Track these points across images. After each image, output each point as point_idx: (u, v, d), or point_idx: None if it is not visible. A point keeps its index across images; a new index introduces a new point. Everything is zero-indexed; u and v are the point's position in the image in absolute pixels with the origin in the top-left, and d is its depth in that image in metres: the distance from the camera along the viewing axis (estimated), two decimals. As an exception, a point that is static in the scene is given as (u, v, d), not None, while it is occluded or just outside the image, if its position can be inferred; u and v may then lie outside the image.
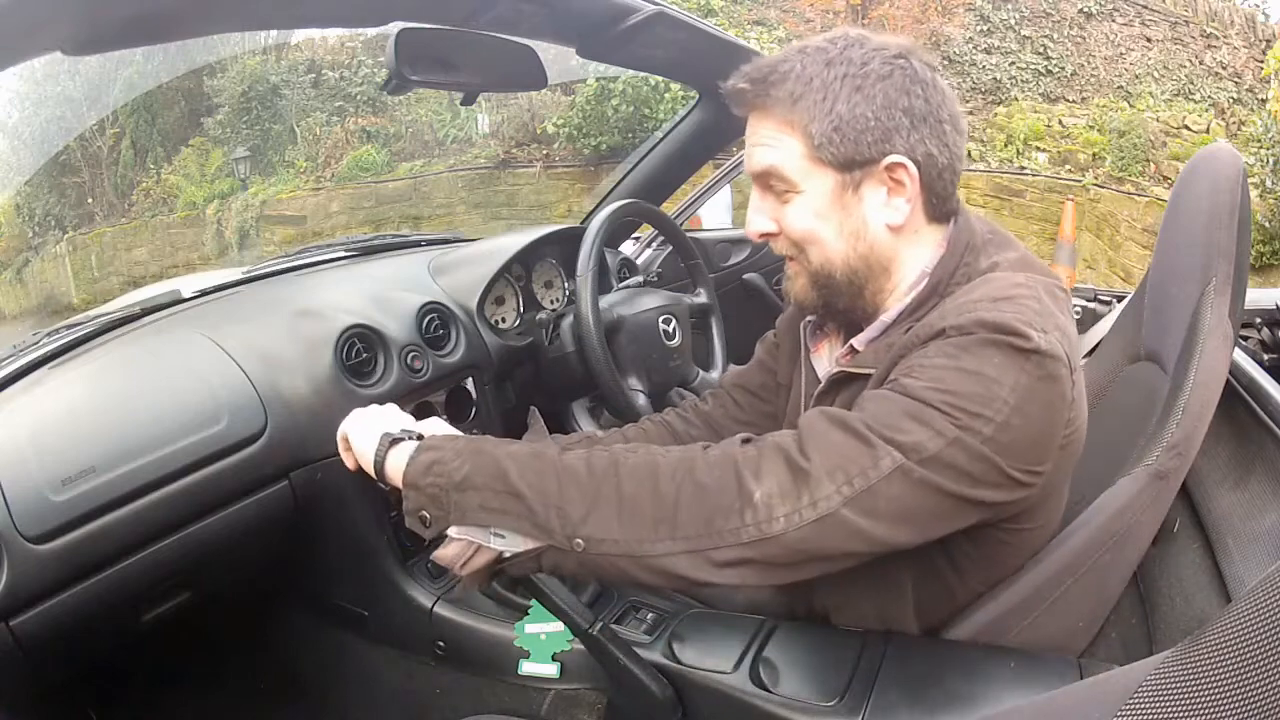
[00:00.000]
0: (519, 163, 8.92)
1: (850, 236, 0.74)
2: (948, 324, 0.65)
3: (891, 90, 0.70)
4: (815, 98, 0.70)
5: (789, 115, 0.71)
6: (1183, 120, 6.91)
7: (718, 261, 2.14)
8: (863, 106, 0.69)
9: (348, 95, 9.98)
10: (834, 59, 0.70)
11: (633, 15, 1.07)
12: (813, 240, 0.74)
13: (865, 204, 0.73)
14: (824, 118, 0.69)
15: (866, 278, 0.75)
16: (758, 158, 0.74)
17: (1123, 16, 8.37)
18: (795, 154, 0.72)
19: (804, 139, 0.71)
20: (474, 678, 1.07)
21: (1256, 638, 0.36)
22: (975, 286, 0.70)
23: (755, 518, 0.60)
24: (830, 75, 0.70)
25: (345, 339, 1.09)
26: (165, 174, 10.93)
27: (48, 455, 0.85)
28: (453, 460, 0.68)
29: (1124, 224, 5.87)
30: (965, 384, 0.61)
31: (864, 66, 0.70)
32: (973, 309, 0.65)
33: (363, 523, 1.10)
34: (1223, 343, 0.84)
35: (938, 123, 0.71)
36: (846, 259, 0.74)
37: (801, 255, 0.76)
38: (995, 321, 0.62)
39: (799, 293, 0.79)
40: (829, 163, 0.71)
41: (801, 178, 0.72)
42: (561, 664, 0.99)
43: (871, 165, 0.71)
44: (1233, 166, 0.88)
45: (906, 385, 0.63)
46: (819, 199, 0.73)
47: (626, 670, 0.85)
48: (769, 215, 0.76)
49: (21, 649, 0.80)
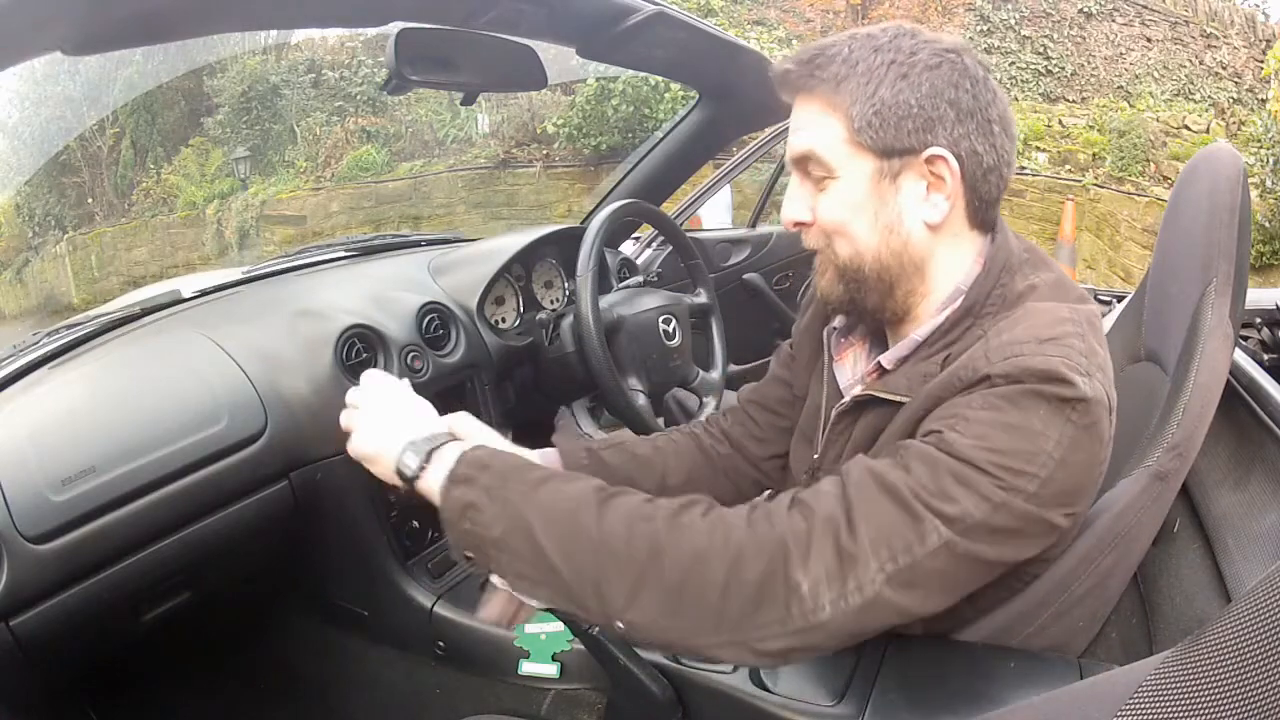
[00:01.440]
0: (519, 163, 8.92)
1: (884, 229, 0.71)
2: (994, 371, 0.61)
3: (938, 81, 0.67)
4: (859, 80, 0.68)
5: (832, 97, 0.69)
6: (1183, 120, 6.91)
7: (718, 261, 2.14)
8: (907, 93, 0.67)
9: (348, 95, 9.98)
10: (882, 46, 0.69)
11: (633, 15, 1.07)
12: (843, 231, 0.71)
13: (902, 196, 0.70)
14: (866, 101, 0.67)
15: (898, 276, 0.72)
16: (798, 141, 0.72)
17: (1123, 16, 8.37)
18: (836, 137, 0.69)
19: (845, 122, 0.69)
20: (474, 678, 1.07)
21: (1256, 638, 0.36)
22: (1018, 320, 0.66)
23: (802, 609, 0.58)
24: (876, 60, 0.68)
25: (345, 339, 1.09)
26: (165, 174, 10.93)
27: (48, 455, 0.85)
28: (487, 510, 0.63)
29: (1124, 224, 5.87)
30: (1011, 441, 0.59)
31: (912, 55, 0.68)
32: (1019, 352, 0.62)
33: (363, 523, 1.10)
34: (1223, 343, 0.84)
35: (985, 121, 0.69)
36: (877, 253, 0.71)
37: (829, 248, 0.73)
38: (1043, 370, 0.60)
39: (825, 286, 0.76)
40: (868, 148, 0.68)
41: (839, 162, 0.70)
42: (561, 664, 0.99)
43: (911, 155, 0.68)
44: (1233, 166, 0.88)
45: (951, 442, 0.60)
46: (855, 187, 0.70)
47: (626, 670, 0.85)
48: (806, 204, 0.73)
49: (21, 649, 0.80)
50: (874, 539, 0.58)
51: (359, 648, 1.19)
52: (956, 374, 0.64)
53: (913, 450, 0.62)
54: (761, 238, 2.21)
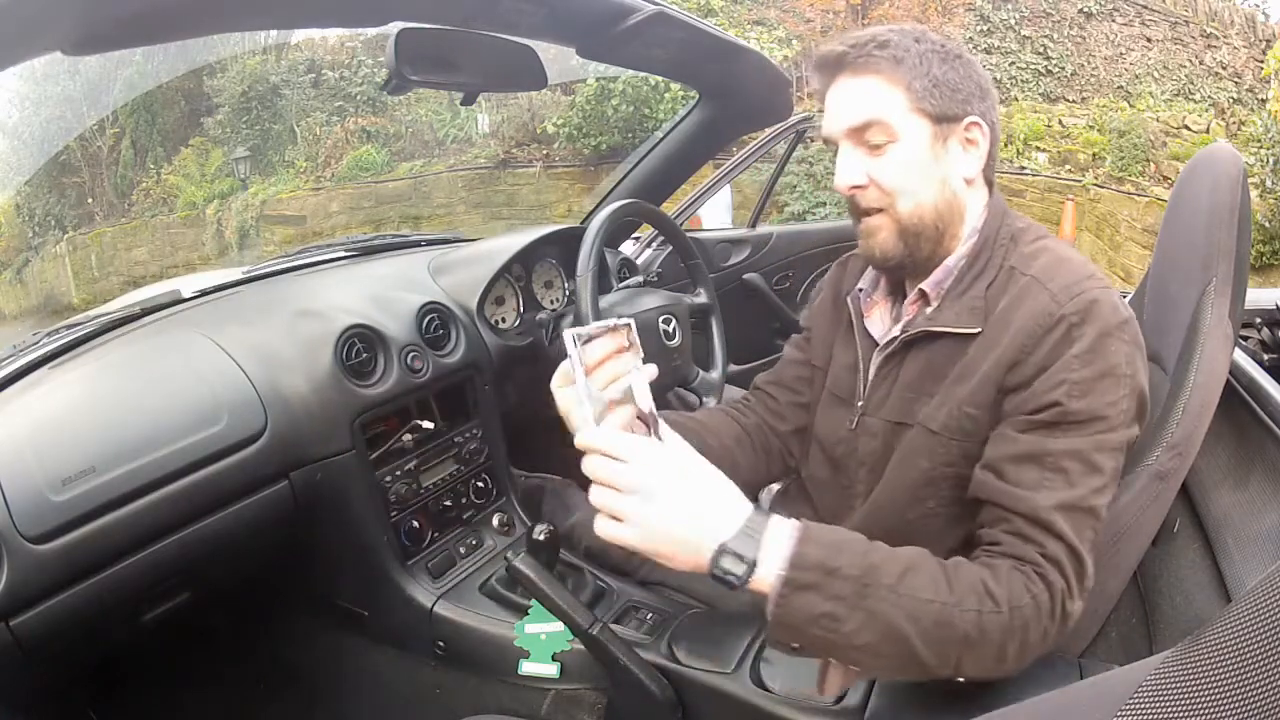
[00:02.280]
0: (519, 163, 8.92)
1: (939, 183, 0.81)
2: (1067, 311, 0.73)
3: (966, 67, 0.82)
4: (914, 60, 0.79)
5: (893, 72, 0.79)
6: (1183, 120, 6.91)
7: (718, 261, 2.14)
8: (950, 73, 0.80)
9: (348, 95, 9.98)
10: (919, 38, 0.81)
11: (633, 15, 1.07)
12: (906, 188, 0.81)
13: (950, 155, 0.82)
14: (924, 76, 0.79)
15: (948, 222, 0.83)
16: (857, 110, 0.80)
17: (1123, 16, 8.37)
18: (898, 105, 0.79)
19: (907, 92, 0.79)
20: (474, 678, 1.07)
21: (1256, 638, 0.36)
22: (1040, 251, 0.80)
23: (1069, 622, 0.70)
24: (922, 48, 0.80)
25: (345, 339, 1.09)
26: (165, 174, 10.93)
27: (48, 455, 0.85)
28: (849, 619, 0.63)
29: (1124, 224, 5.87)
30: (1111, 386, 0.72)
31: (943, 47, 0.81)
32: (1079, 290, 0.74)
33: (363, 522, 1.10)
34: (1223, 343, 0.84)
35: (993, 99, 0.84)
36: (935, 204, 0.82)
37: (891, 206, 0.82)
38: (1104, 304, 0.74)
39: (882, 245, 0.83)
40: (927, 114, 0.79)
41: (902, 126, 0.79)
42: (561, 664, 0.99)
43: (956, 123, 0.81)
44: (1233, 166, 0.88)
45: (1076, 412, 0.71)
46: (915, 147, 0.80)
47: (626, 670, 0.86)
48: (860, 168, 0.82)
49: (21, 649, 0.80)
50: (1083, 541, 0.70)
51: (359, 648, 1.19)
52: (1034, 320, 0.75)
53: (1060, 449, 0.71)
54: (761, 238, 2.21)
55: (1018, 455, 0.72)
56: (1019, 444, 0.73)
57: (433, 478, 1.18)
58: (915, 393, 0.83)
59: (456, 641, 1.08)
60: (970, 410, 0.77)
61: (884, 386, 0.87)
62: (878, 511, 0.84)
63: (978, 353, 0.78)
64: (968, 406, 0.78)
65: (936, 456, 0.80)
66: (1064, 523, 0.69)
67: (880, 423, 0.86)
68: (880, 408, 0.86)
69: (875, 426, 0.87)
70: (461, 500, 1.22)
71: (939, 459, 0.80)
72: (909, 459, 0.82)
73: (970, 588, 0.66)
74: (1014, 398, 0.75)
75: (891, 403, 0.85)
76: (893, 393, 0.85)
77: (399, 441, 1.14)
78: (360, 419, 1.08)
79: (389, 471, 1.12)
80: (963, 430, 0.78)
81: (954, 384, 0.79)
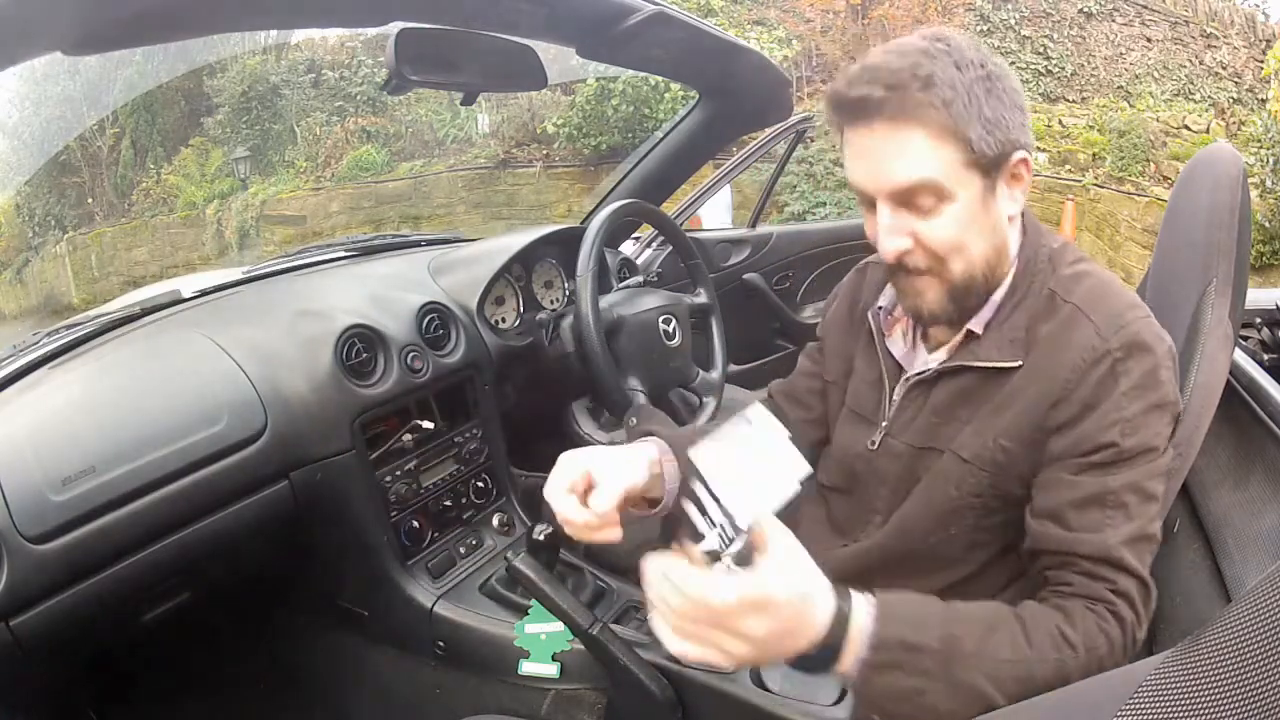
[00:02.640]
0: (519, 163, 8.92)
1: (990, 234, 0.75)
2: (1112, 346, 0.71)
3: (1009, 89, 0.72)
4: (963, 101, 0.68)
5: (943, 120, 0.69)
6: (1183, 120, 6.91)
7: (718, 261, 2.14)
8: (999, 107, 0.71)
9: (348, 95, 9.98)
10: (960, 62, 0.69)
11: (633, 15, 1.07)
12: (960, 249, 0.74)
13: (999, 199, 0.74)
14: (978, 121, 0.69)
15: (996, 269, 0.77)
16: (905, 170, 0.70)
17: (1123, 16, 8.37)
18: (953, 162, 0.70)
19: (961, 145, 0.70)
20: (474, 678, 1.06)
21: (1256, 638, 0.36)
22: (1081, 276, 0.76)
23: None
24: (966, 79, 0.69)
25: (345, 339, 1.09)
26: (165, 174, 10.93)
27: (48, 455, 0.85)
28: (934, 692, 0.63)
29: (1124, 224, 5.87)
30: (1158, 415, 0.71)
31: (984, 67, 0.70)
32: (1123, 323, 0.72)
33: (363, 522, 1.10)
34: (1223, 343, 0.84)
35: (1026, 112, 0.74)
36: (987, 258, 0.75)
37: (943, 267, 0.75)
38: (1149, 336, 0.72)
39: (932, 305, 0.77)
40: (980, 166, 0.71)
41: (957, 186, 0.71)
42: (561, 664, 0.99)
43: (1005, 163, 0.73)
44: (1233, 166, 0.88)
45: (1131, 449, 0.70)
46: (969, 205, 0.72)
47: (626, 670, 0.85)
48: (906, 232, 0.74)
49: (21, 649, 0.80)
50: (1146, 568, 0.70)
51: (359, 648, 1.19)
52: (1078, 354, 0.72)
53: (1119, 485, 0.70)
54: (761, 238, 2.21)
55: (1081, 500, 0.70)
56: (1079, 488, 0.70)
57: (433, 478, 1.18)
58: (944, 418, 0.79)
59: (456, 641, 1.08)
60: (1005, 443, 0.74)
61: (910, 410, 0.83)
62: (900, 535, 0.82)
63: (1019, 384, 0.74)
64: (1004, 439, 0.74)
65: (965, 486, 0.77)
66: (1131, 556, 0.69)
67: (904, 446, 0.82)
68: (905, 431, 0.82)
69: (899, 449, 0.83)
70: (461, 500, 1.22)
71: (967, 489, 0.77)
72: (936, 485, 0.79)
73: (1047, 636, 0.66)
74: (1061, 438, 0.72)
75: (918, 427, 0.81)
76: (919, 417, 0.81)
77: (399, 441, 1.14)
78: (360, 419, 1.08)
79: (389, 471, 1.12)
80: (995, 463, 0.75)
81: (992, 414, 0.76)
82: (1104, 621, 0.68)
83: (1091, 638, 0.67)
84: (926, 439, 0.80)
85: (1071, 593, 0.70)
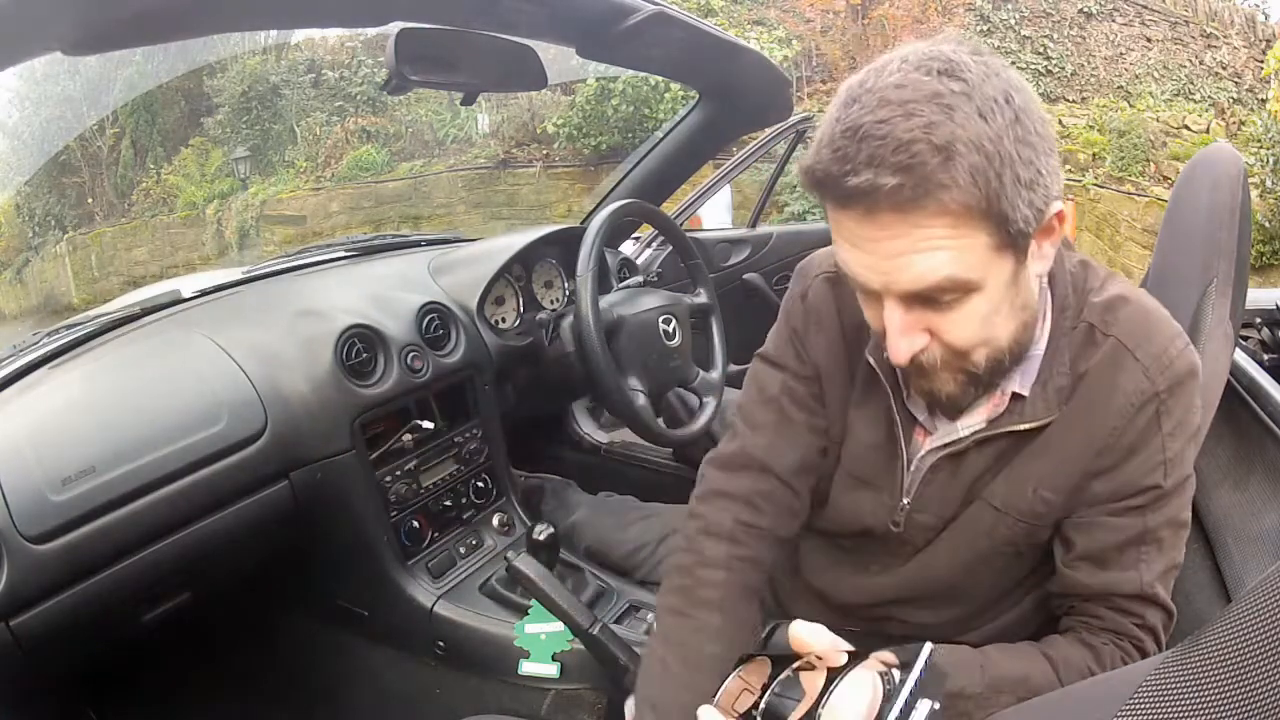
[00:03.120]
0: (519, 163, 8.91)
1: (1019, 310, 0.62)
2: (1160, 387, 0.66)
3: (1037, 125, 0.56)
4: (994, 168, 0.53)
5: (969, 200, 0.53)
6: (1183, 120, 6.90)
7: (718, 261, 2.14)
8: (1033, 160, 0.55)
9: (348, 95, 9.97)
10: (984, 105, 0.53)
11: (633, 15, 1.07)
12: (986, 341, 0.61)
13: (1031, 268, 0.61)
14: (1011, 191, 0.53)
15: (1027, 338, 0.65)
16: (922, 268, 0.55)
17: (1123, 16, 8.36)
18: (979, 248, 0.56)
19: (992, 226, 0.55)
20: (474, 678, 1.07)
21: (1256, 638, 0.36)
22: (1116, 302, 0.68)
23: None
24: (993, 130, 0.53)
25: (345, 339, 1.09)
26: (165, 174, 10.93)
27: (48, 455, 0.85)
28: None
29: (1124, 224, 5.86)
30: (1193, 448, 0.69)
31: (1009, 104, 0.54)
32: (1169, 361, 0.66)
33: (363, 522, 1.10)
34: (1223, 343, 0.84)
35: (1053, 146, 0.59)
36: (1016, 338, 0.63)
37: (964, 361, 0.63)
38: (1189, 369, 0.67)
39: (951, 392, 0.65)
40: (1012, 243, 0.57)
41: (983, 274, 0.57)
42: (561, 664, 0.99)
43: (1043, 222, 0.58)
44: (1233, 166, 0.88)
45: (1170, 487, 0.67)
46: (998, 290, 0.59)
47: (626, 670, 0.85)
48: (922, 328, 0.60)
49: (21, 649, 0.80)
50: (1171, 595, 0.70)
51: (359, 648, 1.19)
52: (1126, 399, 0.66)
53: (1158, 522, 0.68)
54: (761, 238, 2.21)
55: (1122, 543, 0.68)
56: (1121, 531, 0.67)
57: (433, 478, 1.18)
58: (980, 480, 0.71)
59: (456, 641, 1.08)
60: (1047, 494, 0.68)
61: (937, 482, 0.72)
62: (923, 579, 0.77)
63: (1059, 429, 0.67)
64: (1045, 490, 0.68)
65: (998, 535, 0.71)
66: (1162, 589, 0.68)
67: (936, 519, 0.73)
68: (933, 503, 0.72)
69: (930, 523, 0.73)
70: (461, 500, 1.22)
71: (1000, 538, 0.71)
72: (966, 535, 0.72)
73: (1078, 676, 0.66)
74: (1103, 483, 0.67)
75: (950, 497, 0.72)
76: (951, 486, 0.71)
77: (399, 441, 1.14)
78: (360, 419, 1.08)
79: (389, 471, 1.12)
80: (1034, 513, 0.69)
81: (1027, 461, 0.68)
82: (1129, 657, 0.67)
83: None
84: (960, 506, 0.72)
85: (1101, 627, 0.69)
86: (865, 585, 0.80)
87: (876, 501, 0.75)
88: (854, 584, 0.81)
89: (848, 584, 0.82)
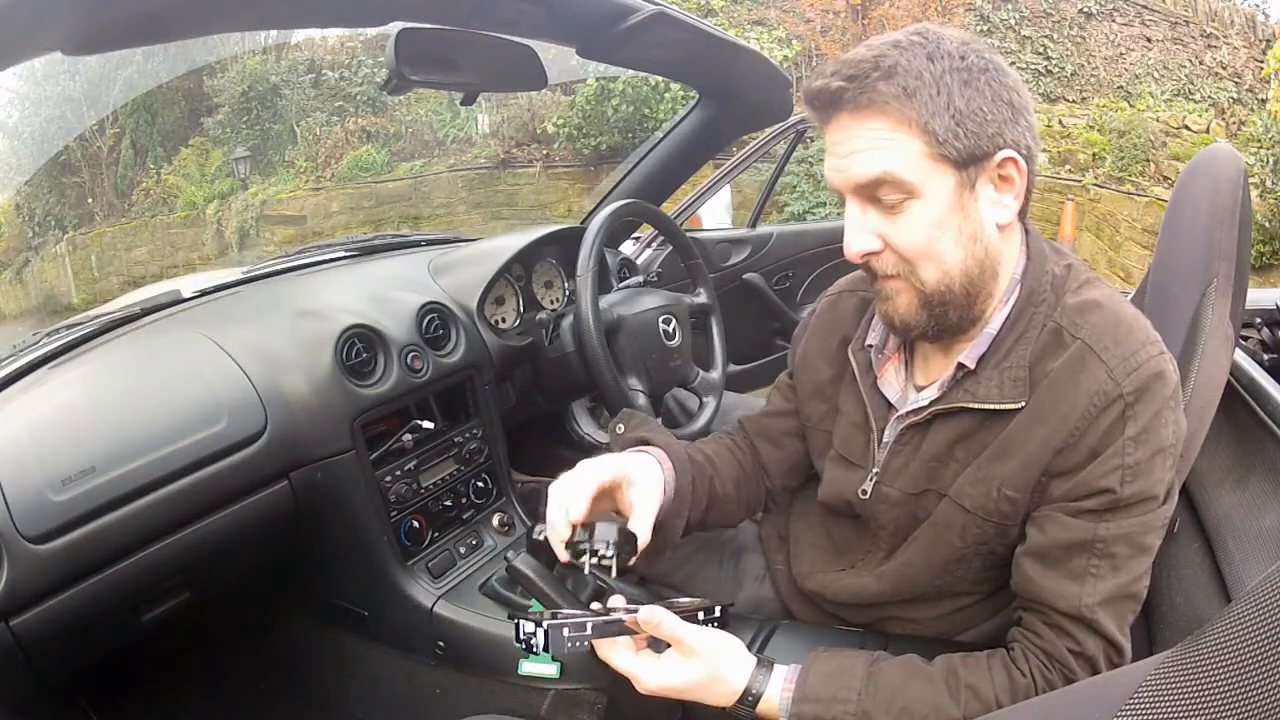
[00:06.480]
0: (519, 163, 8.92)
1: (969, 240, 0.69)
2: (1125, 390, 0.67)
3: (994, 83, 0.67)
4: (929, 92, 0.65)
5: (904, 111, 0.65)
6: (1183, 120, 6.90)
7: (718, 261, 2.14)
8: (976, 100, 0.66)
9: (348, 95, 9.97)
10: (933, 53, 0.66)
11: (633, 15, 1.07)
12: (930, 253, 0.69)
13: (980, 203, 0.69)
14: (944, 112, 0.65)
15: (980, 284, 0.71)
16: (866, 163, 0.67)
17: (1123, 16, 8.37)
18: (914, 153, 0.66)
19: (924, 136, 0.65)
20: (474, 678, 1.07)
21: (1256, 638, 0.36)
22: (1089, 306, 0.71)
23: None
24: (938, 69, 0.65)
25: (345, 339, 1.09)
26: (165, 174, 10.93)
27: (48, 455, 0.85)
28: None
29: (1124, 224, 5.86)
30: (1161, 458, 0.68)
31: (963, 60, 0.66)
32: (1137, 364, 0.67)
33: (363, 522, 1.10)
34: (1223, 343, 0.84)
35: (1028, 115, 0.69)
36: (965, 267, 0.70)
37: (912, 273, 0.70)
38: (1158, 374, 0.67)
39: (903, 313, 0.73)
40: (951, 160, 0.66)
41: (921, 180, 0.67)
42: (561, 664, 0.99)
43: (986, 161, 0.67)
44: (1233, 166, 0.88)
45: (1128, 498, 0.67)
46: (938, 204, 0.67)
47: (626, 670, 0.85)
48: (873, 231, 0.70)
49: (21, 649, 0.80)
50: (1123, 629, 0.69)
51: (359, 648, 1.19)
52: (1088, 399, 0.67)
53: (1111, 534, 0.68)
54: (761, 238, 2.21)
55: (1068, 544, 0.68)
56: (1069, 531, 0.68)
57: (433, 478, 1.18)
58: (941, 461, 0.75)
59: (456, 641, 1.08)
60: (1010, 493, 0.71)
61: (903, 455, 0.78)
62: (903, 577, 0.80)
63: (1020, 428, 0.70)
64: (1008, 489, 0.71)
65: (969, 535, 0.74)
66: (1107, 618, 0.67)
67: (899, 493, 0.78)
68: (898, 477, 0.78)
69: (894, 497, 0.79)
70: (461, 500, 1.22)
71: (971, 538, 0.74)
72: (940, 534, 0.76)
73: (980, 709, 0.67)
74: (1061, 483, 0.69)
75: (912, 473, 0.77)
76: (914, 463, 0.77)
77: (399, 441, 1.14)
78: (360, 419, 1.08)
79: (389, 471, 1.12)
80: (1000, 512, 0.72)
81: (993, 459, 0.72)
82: (1051, 687, 0.67)
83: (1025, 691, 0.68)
84: (922, 484, 0.77)
85: (1038, 645, 0.69)
86: (853, 586, 0.84)
87: (854, 474, 0.83)
88: (840, 580, 0.85)
89: (838, 585, 0.85)
